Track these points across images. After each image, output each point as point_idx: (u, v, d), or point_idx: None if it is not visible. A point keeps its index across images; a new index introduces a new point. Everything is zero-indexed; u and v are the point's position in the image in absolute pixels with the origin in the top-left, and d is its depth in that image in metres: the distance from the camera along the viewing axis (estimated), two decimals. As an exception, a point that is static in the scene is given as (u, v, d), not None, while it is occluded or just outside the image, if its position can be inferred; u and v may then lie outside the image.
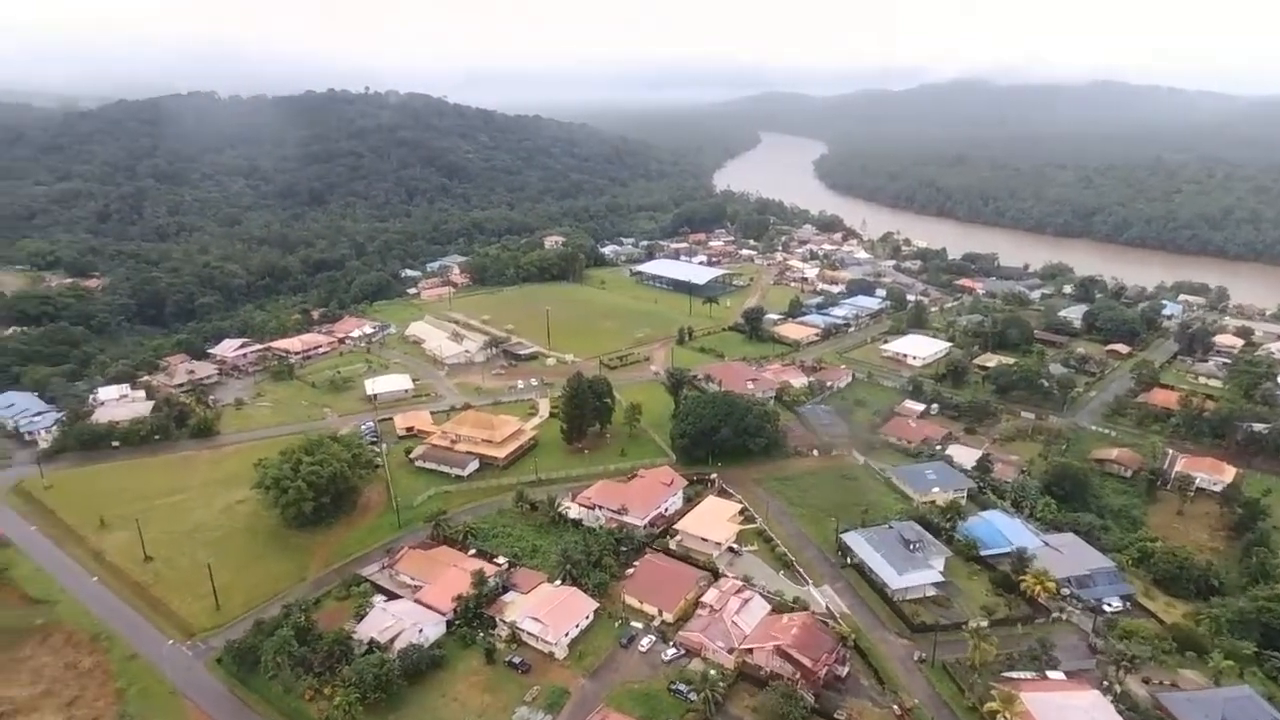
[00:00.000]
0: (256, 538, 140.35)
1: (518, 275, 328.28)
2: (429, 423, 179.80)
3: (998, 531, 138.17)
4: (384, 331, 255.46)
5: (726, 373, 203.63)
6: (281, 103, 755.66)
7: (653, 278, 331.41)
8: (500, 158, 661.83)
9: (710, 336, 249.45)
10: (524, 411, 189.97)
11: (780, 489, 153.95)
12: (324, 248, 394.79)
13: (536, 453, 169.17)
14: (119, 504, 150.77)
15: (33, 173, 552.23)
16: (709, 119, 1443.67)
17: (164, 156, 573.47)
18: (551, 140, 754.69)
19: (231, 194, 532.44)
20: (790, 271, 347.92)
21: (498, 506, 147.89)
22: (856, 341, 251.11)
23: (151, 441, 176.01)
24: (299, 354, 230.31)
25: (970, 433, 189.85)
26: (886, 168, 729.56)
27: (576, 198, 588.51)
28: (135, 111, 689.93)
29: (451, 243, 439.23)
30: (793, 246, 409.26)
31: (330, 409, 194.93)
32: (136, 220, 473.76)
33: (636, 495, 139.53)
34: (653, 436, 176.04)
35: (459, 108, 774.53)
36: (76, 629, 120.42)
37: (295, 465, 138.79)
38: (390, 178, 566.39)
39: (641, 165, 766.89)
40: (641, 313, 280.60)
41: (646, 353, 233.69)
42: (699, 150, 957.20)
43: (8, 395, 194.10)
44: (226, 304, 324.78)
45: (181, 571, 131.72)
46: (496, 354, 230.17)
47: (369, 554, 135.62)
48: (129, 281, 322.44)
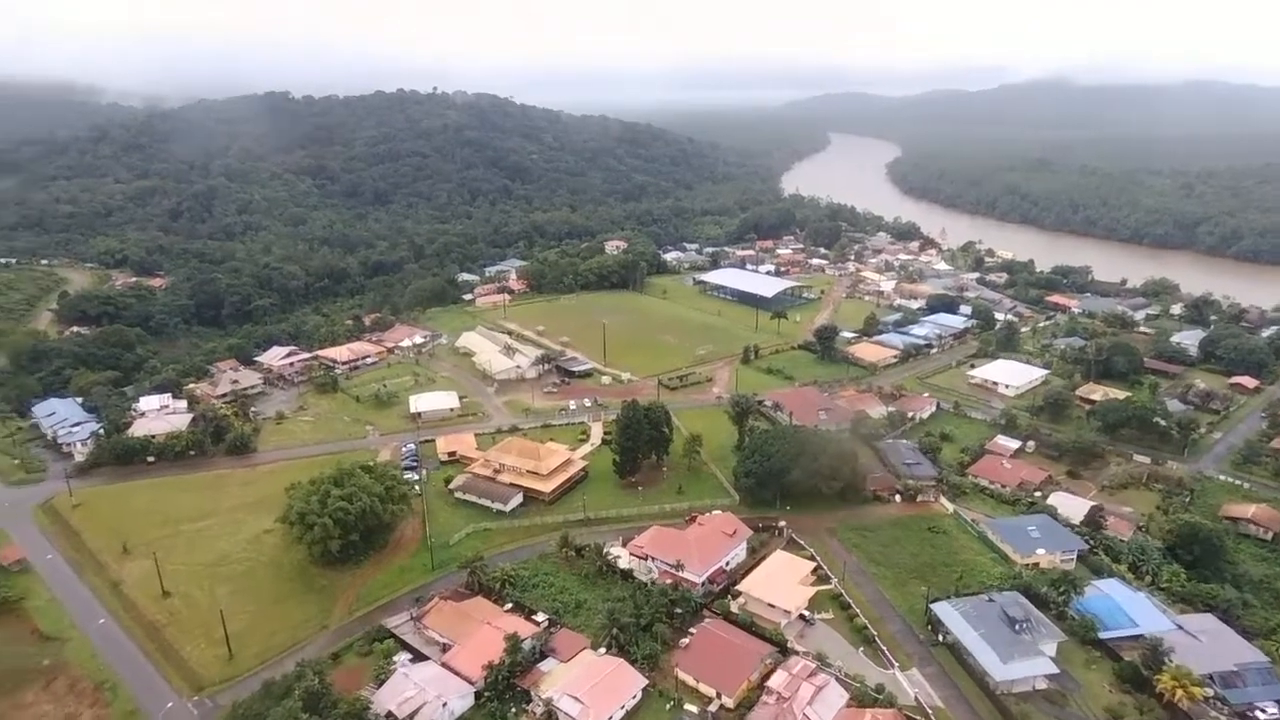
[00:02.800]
0: (280, 574, 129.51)
1: (576, 282, 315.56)
2: (472, 447, 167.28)
3: (1120, 608, 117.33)
4: (435, 341, 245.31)
5: (796, 400, 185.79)
6: (352, 103, 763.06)
7: (717, 288, 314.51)
8: (564, 159, 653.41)
9: (778, 356, 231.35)
10: (575, 436, 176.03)
11: (858, 542, 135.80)
12: (384, 249, 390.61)
13: (586, 486, 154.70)
14: (145, 528, 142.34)
15: (113, 170, 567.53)
16: (777, 120, 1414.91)
17: (236, 155, 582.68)
18: (616, 141, 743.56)
19: (298, 193, 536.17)
20: (864, 284, 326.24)
21: (540, 549, 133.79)
22: (939, 365, 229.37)
23: (187, 457, 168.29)
24: (346, 364, 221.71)
25: (1073, 477, 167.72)
26: (965, 172, 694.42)
27: (640, 200, 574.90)
28: (213, 111, 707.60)
29: (511, 246, 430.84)
30: (866, 256, 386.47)
31: (373, 426, 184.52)
32: (206, 218, 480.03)
33: (695, 547, 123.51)
34: (714, 471, 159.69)
35: (525, 108, 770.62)
36: (82, 674, 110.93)
37: (323, 499, 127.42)
38: (454, 178, 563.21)
39: (708, 168, 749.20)
40: (704, 326, 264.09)
41: (709, 372, 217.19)
42: (767, 152, 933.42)
43: (49, 403, 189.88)
44: (283, 306, 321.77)
45: (199, 611, 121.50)
46: (549, 370, 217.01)
47: (397, 600, 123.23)
48: (189, 282, 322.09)
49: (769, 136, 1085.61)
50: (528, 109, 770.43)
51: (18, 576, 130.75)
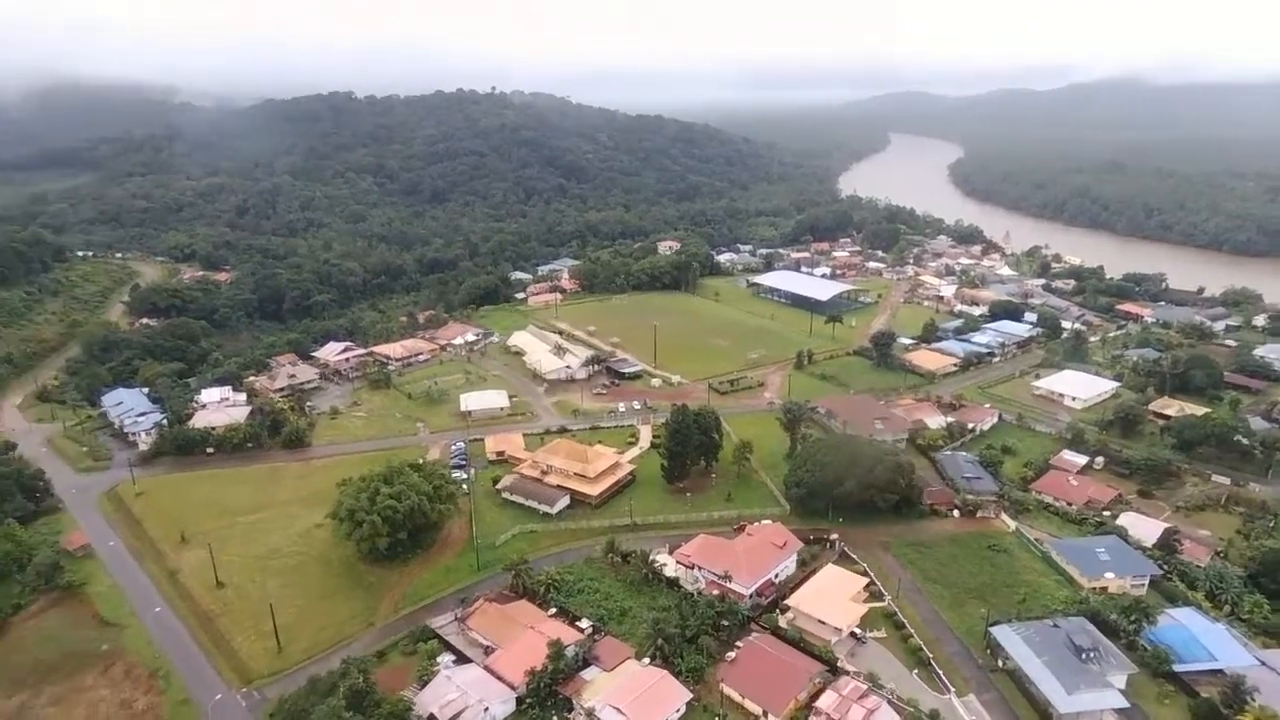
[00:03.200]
0: (330, 570, 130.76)
1: (628, 283, 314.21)
2: (520, 447, 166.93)
3: (1196, 640, 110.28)
4: (486, 340, 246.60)
5: (851, 408, 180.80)
6: (413, 102, 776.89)
7: (770, 290, 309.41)
8: (619, 158, 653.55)
9: (832, 361, 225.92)
10: (623, 439, 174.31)
11: (914, 558, 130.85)
12: (439, 247, 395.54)
13: (633, 490, 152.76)
14: (203, 518, 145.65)
15: (185, 168, 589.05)
16: (835, 119, 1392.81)
17: (301, 154, 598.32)
18: (671, 140, 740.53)
19: (359, 191, 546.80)
20: (923, 288, 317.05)
21: (586, 554, 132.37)
22: (1002, 375, 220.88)
23: (244, 450, 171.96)
24: (400, 360, 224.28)
25: (1145, 496, 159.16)
26: (1031, 173, 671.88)
27: (694, 200, 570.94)
28: (280, 110, 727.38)
29: (564, 245, 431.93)
30: (926, 260, 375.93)
31: (423, 423, 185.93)
32: (270, 215, 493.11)
33: (743, 558, 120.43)
34: (764, 479, 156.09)
35: (581, 107, 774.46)
36: (138, 661, 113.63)
37: (372, 496, 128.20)
38: (510, 177, 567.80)
39: (763, 168, 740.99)
40: (757, 330, 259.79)
41: (761, 377, 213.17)
42: (824, 153, 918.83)
43: (117, 393, 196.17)
44: (341, 302, 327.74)
45: (250, 602, 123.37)
46: (599, 371, 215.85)
47: (442, 600, 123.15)
48: (253, 276, 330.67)
49: (827, 137, 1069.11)
50: (583, 108, 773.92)
51: (82, 562, 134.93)
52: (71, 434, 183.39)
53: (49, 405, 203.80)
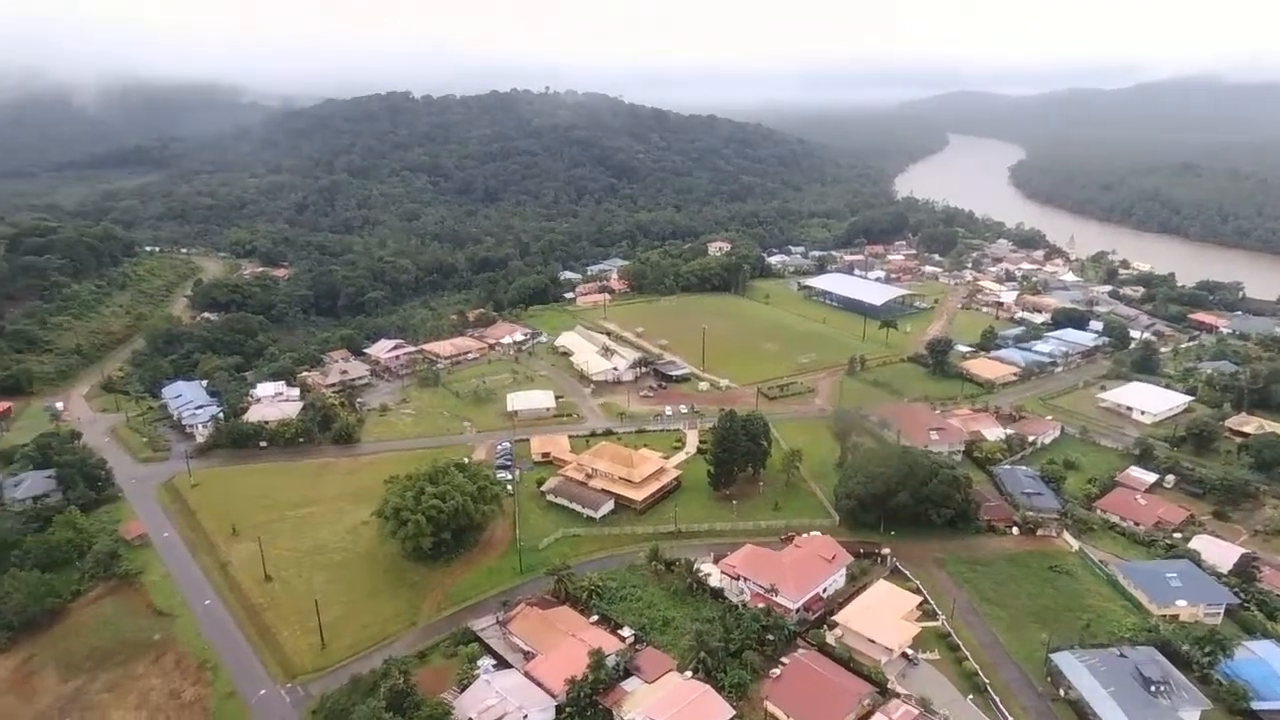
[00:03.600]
0: (375, 567, 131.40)
1: (677, 284, 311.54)
2: (566, 449, 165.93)
3: (1276, 676, 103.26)
4: (534, 340, 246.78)
5: (905, 417, 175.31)
6: (469, 102, 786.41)
7: (822, 293, 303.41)
8: (671, 158, 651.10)
9: (886, 368, 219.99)
10: (669, 444, 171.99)
11: (970, 576, 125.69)
12: (490, 246, 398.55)
13: (678, 496, 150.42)
14: (254, 511, 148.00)
15: (250, 166, 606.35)
16: (892, 120, 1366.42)
17: (359, 153, 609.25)
18: (724, 141, 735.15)
19: (414, 189, 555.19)
20: (982, 294, 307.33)
21: (629, 560, 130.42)
22: (1065, 385, 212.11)
23: (296, 444, 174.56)
24: (449, 359, 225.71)
25: (1221, 519, 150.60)
26: (1097, 176, 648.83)
27: (745, 201, 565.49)
28: (340, 110, 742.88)
29: (614, 245, 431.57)
30: (985, 264, 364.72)
31: (470, 423, 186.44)
32: (329, 212, 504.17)
33: (791, 571, 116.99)
34: (813, 489, 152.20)
35: (634, 107, 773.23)
36: (188, 651, 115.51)
37: (417, 495, 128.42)
38: (561, 177, 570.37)
39: (817, 169, 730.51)
40: (808, 334, 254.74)
41: (811, 382, 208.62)
42: (880, 154, 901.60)
43: (176, 385, 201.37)
44: (394, 299, 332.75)
45: (296, 597, 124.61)
46: (646, 373, 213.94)
47: (485, 602, 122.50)
48: (310, 273, 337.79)
49: (883, 137, 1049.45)
50: (636, 108, 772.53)
51: (138, 551, 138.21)
52: (133, 424, 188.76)
53: (114, 396, 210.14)
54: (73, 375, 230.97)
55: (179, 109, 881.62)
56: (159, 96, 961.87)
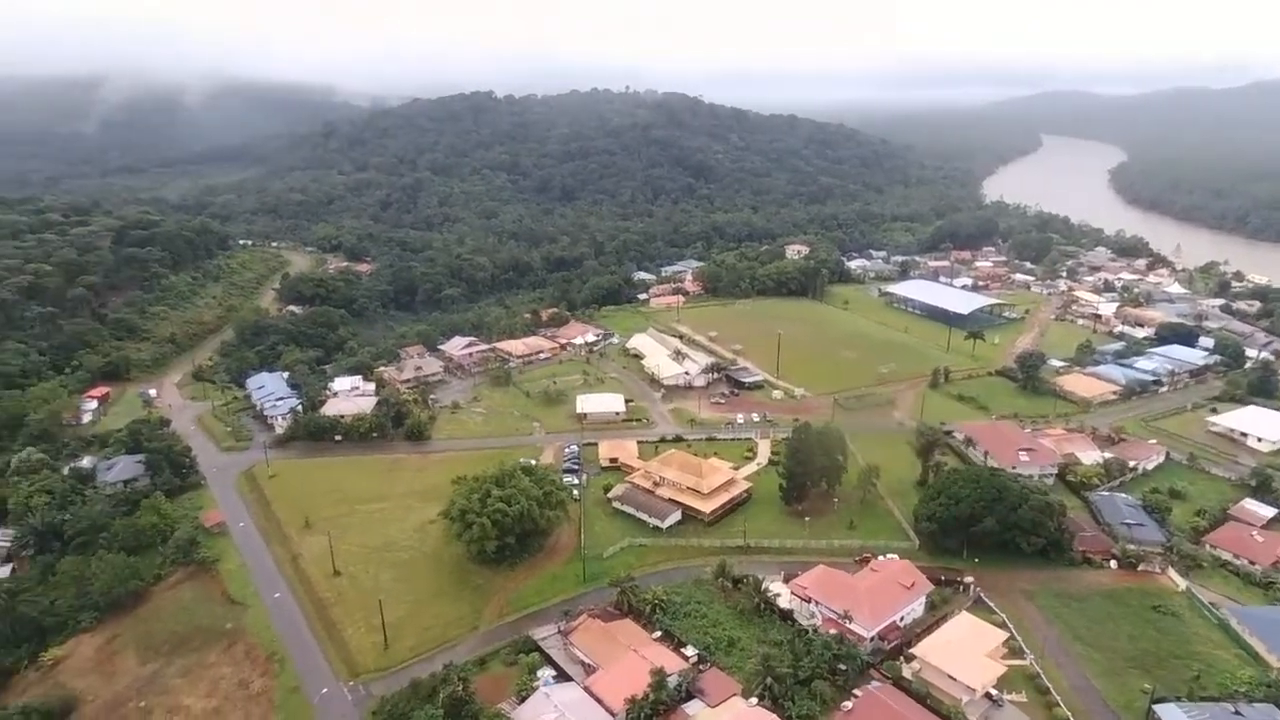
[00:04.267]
0: (440, 567, 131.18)
1: (752, 287, 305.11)
2: (634, 455, 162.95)
3: None
4: (606, 341, 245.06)
5: (992, 436, 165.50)
6: (550, 101, 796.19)
7: (905, 300, 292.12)
8: (749, 159, 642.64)
9: (971, 381, 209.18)
10: (740, 453, 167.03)
11: (1062, 612, 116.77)
12: (566, 245, 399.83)
13: (748, 509, 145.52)
14: (326, 505, 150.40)
15: (338, 163, 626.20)
16: (982, 120, 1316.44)
17: (442, 151, 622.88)
18: (804, 141, 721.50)
19: (493, 188, 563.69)
20: (1078, 305, 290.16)
21: (696, 574, 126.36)
22: (1170, 407, 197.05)
23: (369, 439, 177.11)
24: (521, 358, 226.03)
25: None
26: (1207, 180, 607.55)
27: (825, 203, 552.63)
28: (426, 109, 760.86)
29: (689, 246, 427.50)
30: (1081, 273, 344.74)
31: (539, 424, 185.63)
32: (411, 209, 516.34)
33: (866, 596, 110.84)
34: (890, 508, 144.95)
35: (713, 107, 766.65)
36: (257, 642, 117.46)
37: (483, 498, 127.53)
38: (638, 176, 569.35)
39: (900, 170, 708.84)
40: (888, 343, 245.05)
41: (891, 394, 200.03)
42: (968, 155, 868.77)
43: (260, 376, 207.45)
44: (470, 296, 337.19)
45: (363, 593, 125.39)
46: (718, 379, 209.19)
47: (547, 610, 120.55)
48: (390, 268, 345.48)
49: (971, 138, 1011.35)
50: (716, 108, 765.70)
51: (216, 539, 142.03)
52: (219, 413, 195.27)
53: (202, 385, 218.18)
54: (166, 363, 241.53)
55: (276, 108, 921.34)
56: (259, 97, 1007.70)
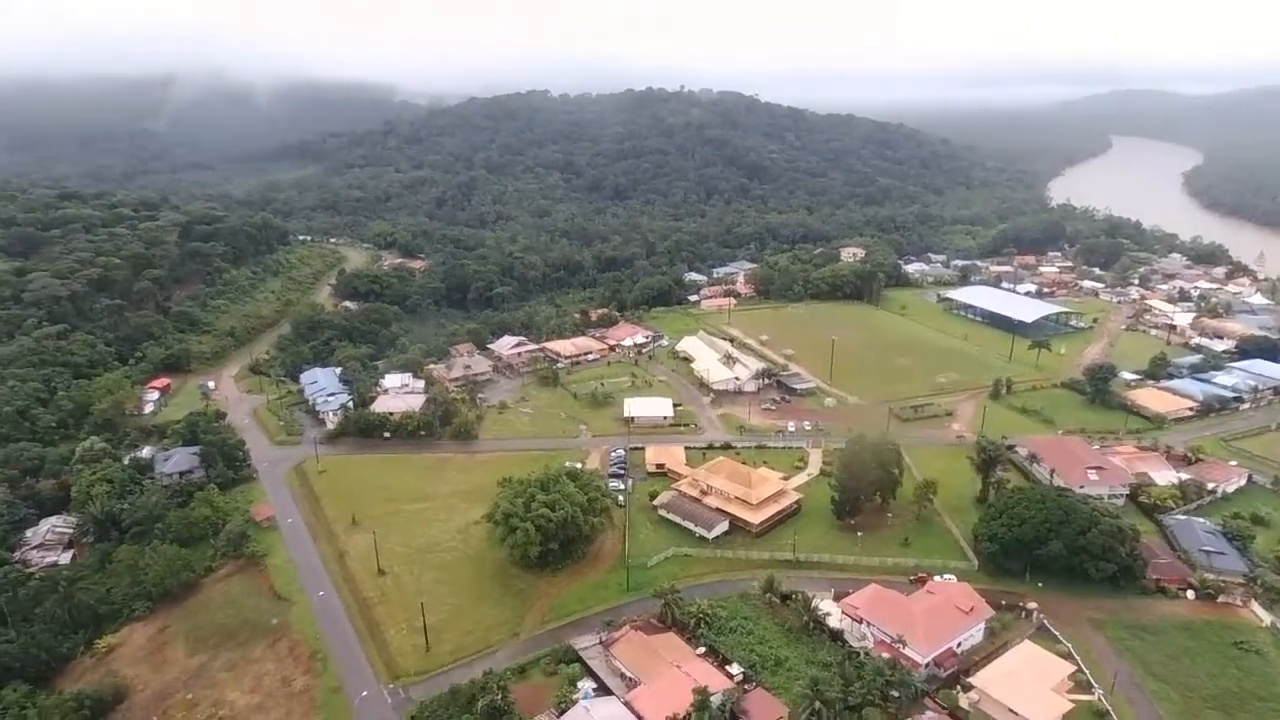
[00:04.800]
0: (482, 571, 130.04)
1: (806, 290, 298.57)
2: (681, 461, 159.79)
3: None
4: (655, 343, 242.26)
5: (1058, 452, 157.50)
6: (604, 100, 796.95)
7: (965, 307, 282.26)
8: (805, 159, 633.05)
9: (1036, 393, 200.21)
10: (791, 462, 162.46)
11: (1133, 645, 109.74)
12: (617, 244, 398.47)
13: (798, 521, 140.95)
14: (373, 502, 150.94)
15: (396, 161, 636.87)
16: (1048, 120, 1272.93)
17: (497, 150, 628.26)
18: (862, 141, 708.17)
19: (547, 186, 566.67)
20: (1150, 315, 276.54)
21: (742, 587, 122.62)
22: (1253, 426, 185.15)
23: (417, 437, 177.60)
24: (569, 358, 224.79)
25: None
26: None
27: (883, 205, 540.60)
28: (482, 108, 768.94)
29: (742, 247, 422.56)
30: (1154, 281, 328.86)
31: (586, 426, 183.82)
32: (465, 207, 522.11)
33: (922, 620, 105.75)
34: (948, 526, 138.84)
35: (769, 106, 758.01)
36: (301, 639, 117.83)
37: (528, 502, 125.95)
38: (691, 176, 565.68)
39: (962, 172, 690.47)
40: (947, 351, 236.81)
41: (949, 405, 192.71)
42: (1032, 155, 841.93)
43: (313, 372, 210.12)
44: (520, 294, 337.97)
45: (406, 594, 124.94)
46: (769, 385, 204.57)
47: (589, 618, 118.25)
48: (443, 266, 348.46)
49: (1036, 139, 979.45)
50: (772, 107, 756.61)
51: (266, 533, 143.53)
52: (273, 407, 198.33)
53: (259, 378, 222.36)
54: (225, 356, 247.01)
55: (339, 107, 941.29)
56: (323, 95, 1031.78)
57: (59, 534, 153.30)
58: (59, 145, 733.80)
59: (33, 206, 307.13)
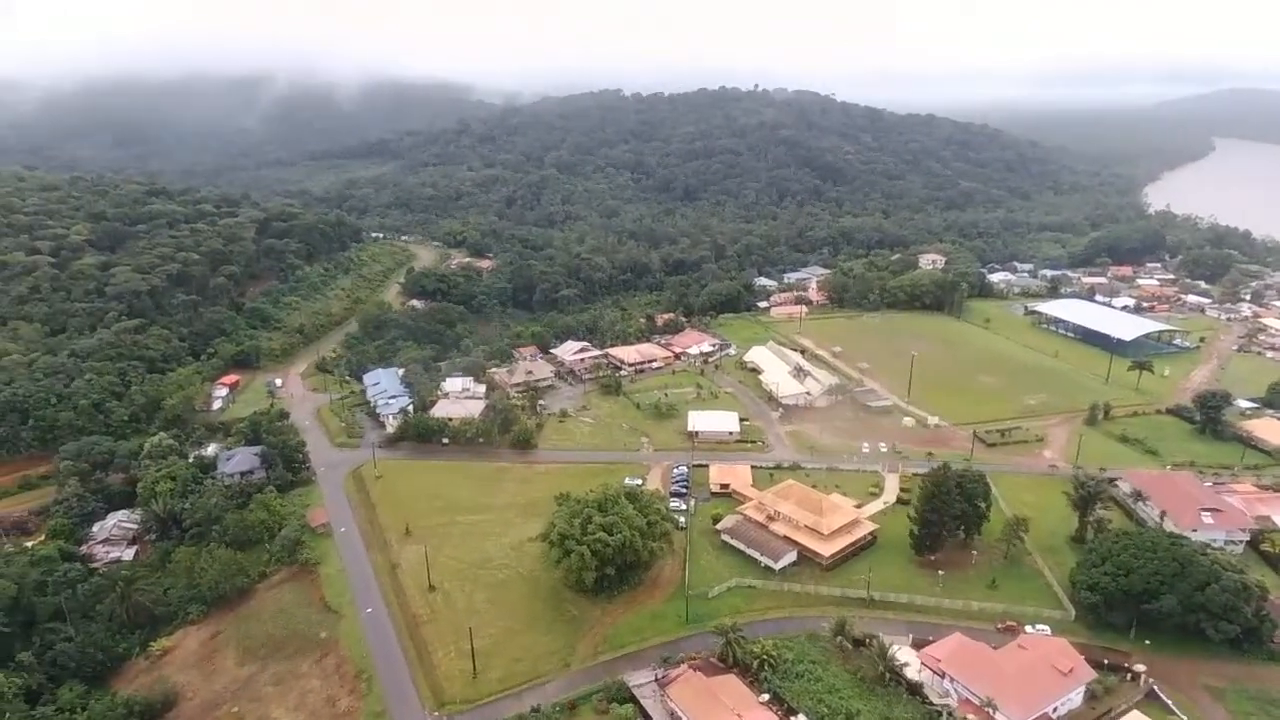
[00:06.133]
0: (535, 592, 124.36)
1: (882, 300, 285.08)
2: (747, 482, 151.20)
3: None
4: (722, 351, 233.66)
5: (1167, 489, 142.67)
6: (676, 100, 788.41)
7: (1055, 321, 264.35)
8: (882, 160, 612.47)
9: (1137, 420, 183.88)
10: (865, 488, 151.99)
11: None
12: (685, 247, 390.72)
13: (872, 554, 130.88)
14: (427, 512, 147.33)
15: (468, 159, 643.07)
16: (1144, 121, 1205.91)
17: (568, 149, 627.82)
18: (943, 142, 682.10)
19: (616, 186, 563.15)
20: (1266, 334, 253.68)
21: (811, 627, 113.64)
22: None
23: (475, 444, 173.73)
24: (633, 366, 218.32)
25: None
26: None
27: (964, 209, 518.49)
28: (554, 107, 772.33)
29: (814, 252, 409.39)
30: (1269, 297, 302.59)
31: (648, 439, 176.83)
32: (534, 206, 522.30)
33: (1014, 680, 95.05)
34: (1040, 567, 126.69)
35: (846, 105, 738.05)
36: (349, 656, 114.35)
37: (585, 523, 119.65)
38: (763, 177, 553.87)
39: (1050, 175, 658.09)
40: (1036, 369, 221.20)
41: (1040, 430, 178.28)
42: (1127, 159, 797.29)
43: (376, 373, 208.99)
44: (586, 296, 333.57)
45: (456, 613, 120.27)
46: (842, 400, 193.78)
47: (644, 651, 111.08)
48: (510, 266, 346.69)
49: (1131, 141, 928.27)
50: (848, 107, 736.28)
51: (320, 539, 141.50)
52: (335, 407, 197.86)
53: (324, 376, 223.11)
54: (294, 353, 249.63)
55: (418, 105, 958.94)
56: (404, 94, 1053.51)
57: (124, 529, 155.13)
58: (156, 142, 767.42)
59: (122, 201, 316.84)
